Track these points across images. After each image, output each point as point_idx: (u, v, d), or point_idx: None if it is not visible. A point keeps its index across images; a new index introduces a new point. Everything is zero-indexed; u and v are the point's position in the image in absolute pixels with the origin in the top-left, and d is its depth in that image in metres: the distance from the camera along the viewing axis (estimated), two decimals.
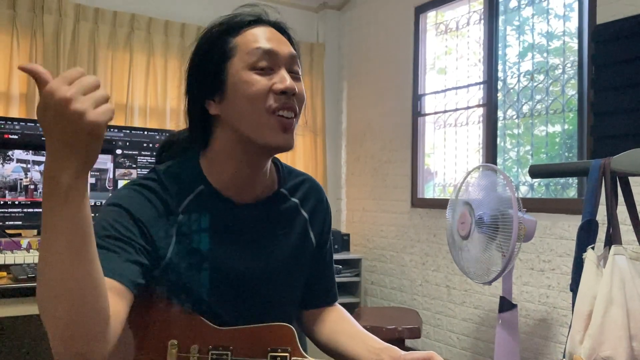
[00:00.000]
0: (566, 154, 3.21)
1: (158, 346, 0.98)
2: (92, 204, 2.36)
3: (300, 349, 0.98)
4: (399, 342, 2.96)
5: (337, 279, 1.29)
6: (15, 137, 2.23)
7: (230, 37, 1.00)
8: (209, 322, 0.99)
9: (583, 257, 1.78)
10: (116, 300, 0.83)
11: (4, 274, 1.77)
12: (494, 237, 2.48)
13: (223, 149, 1.02)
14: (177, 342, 0.97)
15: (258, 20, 1.03)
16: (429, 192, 4.11)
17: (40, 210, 2.09)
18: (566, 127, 3.20)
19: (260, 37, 0.99)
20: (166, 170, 1.03)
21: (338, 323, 1.18)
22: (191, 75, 1.04)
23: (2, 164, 2.20)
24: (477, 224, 2.53)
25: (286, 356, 0.97)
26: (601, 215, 1.86)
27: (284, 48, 1.00)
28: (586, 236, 1.82)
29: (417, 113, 4.08)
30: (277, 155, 1.09)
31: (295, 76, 1.01)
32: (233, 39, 1.00)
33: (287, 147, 0.99)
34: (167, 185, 1.01)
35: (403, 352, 1.02)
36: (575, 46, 3.08)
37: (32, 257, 1.90)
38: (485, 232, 2.51)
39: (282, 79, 0.96)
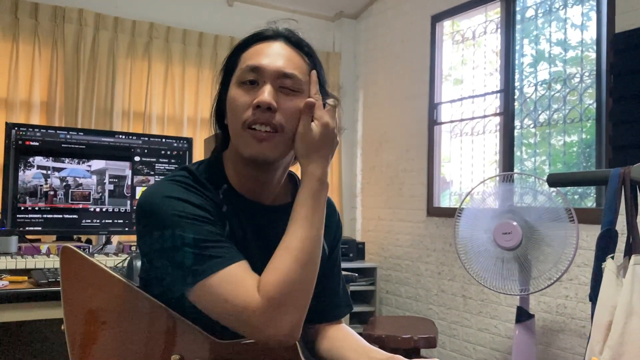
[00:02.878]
0: (584, 163, 3.19)
1: None
2: (111, 210, 2.39)
3: (302, 358, 0.98)
4: (415, 352, 2.94)
5: (352, 288, 1.28)
6: (36, 143, 2.27)
7: (240, 52, 1.07)
8: (211, 335, 0.99)
9: (602, 266, 1.76)
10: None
11: (25, 278, 1.79)
12: (550, 246, 2.47)
13: (232, 155, 1.09)
14: (179, 356, 0.98)
15: (273, 36, 1.07)
16: (445, 201, 4.10)
17: (59, 216, 2.11)
18: (584, 136, 3.17)
19: (257, 54, 1.04)
20: (197, 169, 1.08)
21: (342, 339, 1.18)
22: (218, 85, 1.12)
23: (22, 170, 2.23)
24: (530, 235, 2.51)
25: None
26: (620, 225, 1.85)
27: (276, 63, 1.02)
28: (605, 246, 1.80)
29: (433, 122, 4.08)
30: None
31: (286, 92, 1.02)
32: (241, 54, 1.07)
33: (260, 156, 1.01)
34: (201, 181, 1.05)
35: None
36: (593, 55, 3.06)
37: (52, 261, 1.91)
38: (538, 241, 2.49)
39: (260, 94, 1.00)
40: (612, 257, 1.77)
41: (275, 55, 1.03)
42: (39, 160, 2.26)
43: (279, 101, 1.00)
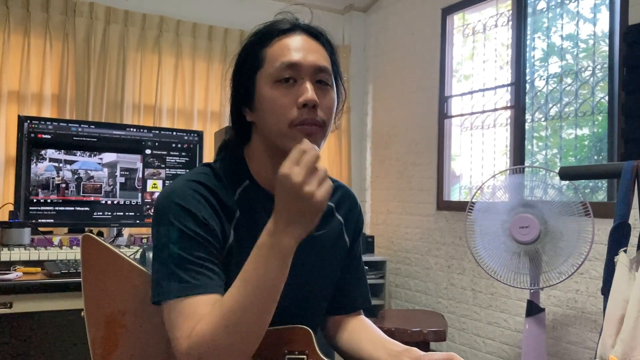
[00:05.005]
0: (595, 157, 3.17)
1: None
2: (122, 203, 2.40)
3: (318, 351, 0.98)
4: (424, 345, 2.94)
5: None
6: (48, 136, 2.28)
7: (261, 47, 1.03)
8: None
9: (615, 260, 1.75)
10: None
11: (38, 269, 1.81)
12: (563, 240, 2.46)
13: (258, 152, 1.08)
14: None
15: (291, 29, 1.04)
16: (455, 195, 4.08)
17: (71, 208, 2.12)
18: (595, 129, 3.15)
19: (287, 49, 1.01)
20: (218, 166, 1.08)
21: (360, 330, 1.18)
22: (231, 82, 1.08)
23: (35, 163, 2.24)
24: (548, 228, 2.49)
25: (303, 358, 0.97)
26: (633, 219, 1.83)
27: (310, 58, 1.01)
28: (618, 239, 1.79)
29: (443, 115, 4.06)
30: None
31: (321, 86, 1.02)
32: (263, 49, 1.03)
33: None
34: (221, 178, 1.05)
35: (423, 353, 1.02)
36: (605, 49, 3.03)
37: (65, 253, 1.93)
38: (554, 235, 2.49)
39: (304, 91, 0.98)
40: (625, 251, 1.76)
41: (305, 50, 1.01)
42: (51, 152, 2.28)
43: (318, 97, 0.99)
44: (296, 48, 1.01)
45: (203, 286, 0.92)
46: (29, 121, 2.24)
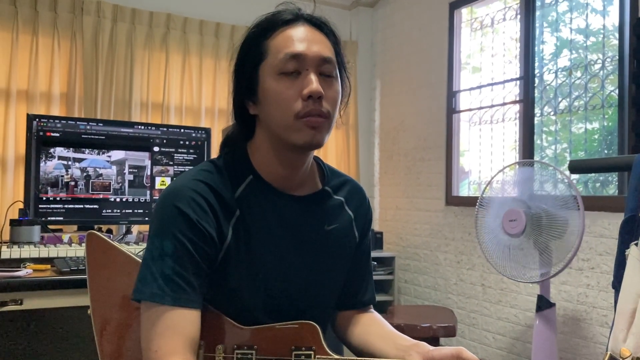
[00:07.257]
0: (605, 150, 3.14)
1: None
2: (131, 200, 2.41)
3: (325, 347, 0.98)
4: (434, 340, 2.93)
5: None
6: (57, 135, 2.29)
7: (263, 39, 1.02)
8: (233, 321, 1.00)
9: (626, 253, 1.73)
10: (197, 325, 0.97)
11: (48, 266, 1.82)
12: (555, 234, 2.45)
13: (263, 146, 1.06)
14: (202, 342, 0.99)
15: (294, 19, 1.03)
16: (464, 190, 4.07)
17: (80, 206, 2.12)
18: (605, 123, 3.12)
19: (291, 40, 0.99)
20: (221, 162, 1.07)
21: (370, 325, 1.18)
22: (234, 75, 1.07)
23: (44, 161, 2.25)
24: (534, 222, 2.48)
25: (310, 354, 0.97)
26: None
27: (314, 49, 0.99)
28: (629, 232, 1.77)
29: (451, 110, 4.04)
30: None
31: (326, 77, 1.01)
32: (266, 41, 1.01)
33: (314, 142, 1.00)
34: (224, 174, 1.04)
35: (431, 348, 1.02)
36: (614, 42, 3.00)
37: (74, 250, 1.95)
38: (543, 229, 2.47)
39: (309, 83, 0.97)
40: (636, 244, 1.74)
41: (309, 41, 1.00)
42: (59, 151, 2.29)
43: (322, 88, 0.98)
44: (300, 39, 1.00)
45: (181, 299, 0.94)
46: (37, 119, 2.25)
